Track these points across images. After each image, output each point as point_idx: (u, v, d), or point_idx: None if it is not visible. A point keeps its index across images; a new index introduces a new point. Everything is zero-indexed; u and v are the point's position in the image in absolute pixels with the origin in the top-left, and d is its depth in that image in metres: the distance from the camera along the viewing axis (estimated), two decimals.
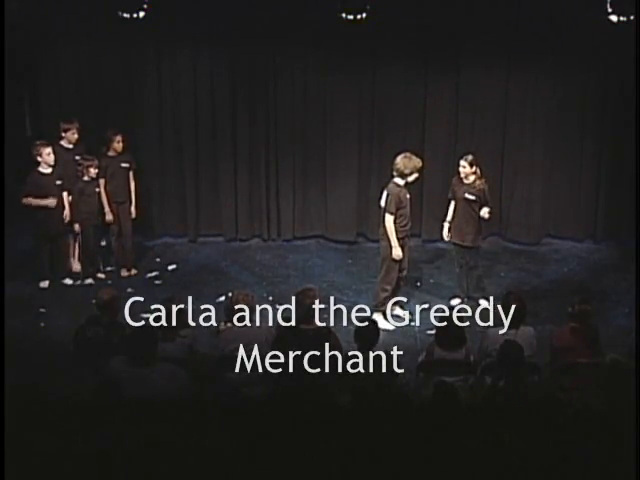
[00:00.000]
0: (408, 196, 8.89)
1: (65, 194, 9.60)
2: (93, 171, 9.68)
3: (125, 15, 9.20)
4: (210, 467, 4.99)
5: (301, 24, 10.43)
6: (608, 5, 8.94)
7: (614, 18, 8.98)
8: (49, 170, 9.50)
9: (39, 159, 9.42)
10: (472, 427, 5.32)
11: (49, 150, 9.42)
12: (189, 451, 5.06)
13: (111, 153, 9.98)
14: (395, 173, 8.78)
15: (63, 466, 4.96)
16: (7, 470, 4.83)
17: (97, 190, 9.81)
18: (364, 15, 9.19)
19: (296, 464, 4.99)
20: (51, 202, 9.46)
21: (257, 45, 10.62)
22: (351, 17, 9.21)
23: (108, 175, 9.94)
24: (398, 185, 8.78)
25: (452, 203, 9.44)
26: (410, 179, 8.84)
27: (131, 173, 10.13)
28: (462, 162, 9.21)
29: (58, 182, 9.53)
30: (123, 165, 10.02)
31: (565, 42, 10.42)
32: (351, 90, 10.92)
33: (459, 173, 9.25)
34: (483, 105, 10.97)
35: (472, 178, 9.21)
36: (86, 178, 9.68)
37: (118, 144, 9.94)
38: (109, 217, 9.96)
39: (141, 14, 9.20)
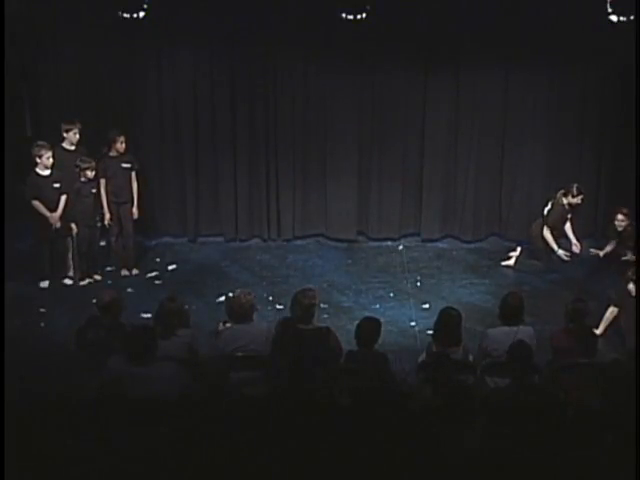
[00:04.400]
0: None
1: (63, 197, 9.60)
2: (90, 173, 9.68)
3: (125, 15, 9.20)
4: (210, 466, 4.99)
5: (301, 24, 10.43)
6: (608, 5, 8.94)
7: (614, 18, 8.98)
8: (47, 172, 9.49)
9: (38, 161, 9.42)
10: (471, 427, 5.32)
11: (49, 154, 9.41)
12: (189, 450, 5.06)
13: (113, 153, 9.99)
14: None
15: (63, 466, 4.96)
16: (7, 470, 4.83)
17: (93, 191, 9.80)
18: (364, 15, 9.19)
19: (296, 464, 4.99)
20: (54, 218, 9.49)
21: (257, 45, 10.62)
22: (351, 17, 9.21)
23: (109, 175, 9.95)
24: None
25: None
26: None
27: (133, 174, 10.13)
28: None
29: (56, 185, 9.53)
30: (125, 166, 10.03)
31: (565, 42, 10.42)
32: (351, 90, 10.92)
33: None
34: (483, 105, 10.97)
35: None
36: (83, 179, 9.69)
37: (121, 145, 9.95)
38: (108, 218, 9.97)
39: (141, 14, 9.20)
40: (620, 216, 9.98)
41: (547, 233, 10.29)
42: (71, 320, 8.35)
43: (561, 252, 10.24)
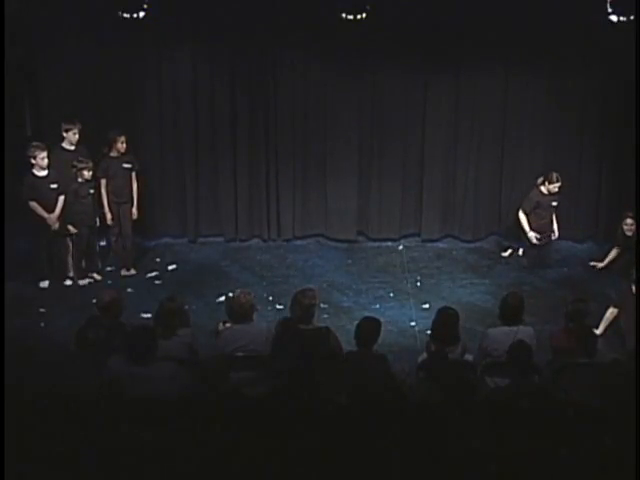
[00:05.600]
0: None
1: (61, 198, 9.59)
2: (87, 174, 9.67)
3: (125, 15, 9.20)
4: (210, 467, 4.99)
5: (301, 24, 10.42)
6: (608, 5, 8.94)
7: (614, 18, 8.98)
8: (43, 173, 9.48)
9: (33, 162, 9.41)
10: (472, 427, 5.32)
11: (44, 155, 9.40)
12: (189, 450, 5.06)
13: (113, 154, 9.99)
14: None
15: (63, 466, 4.96)
16: (7, 470, 4.83)
17: (91, 192, 9.80)
18: (364, 15, 9.19)
19: (296, 464, 4.99)
20: (51, 219, 9.48)
21: (257, 45, 10.63)
22: (351, 17, 9.21)
23: (110, 175, 9.95)
24: None
25: None
26: None
27: (133, 174, 10.13)
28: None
29: (53, 186, 9.52)
30: (125, 166, 10.03)
31: (565, 42, 10.42)
32: (351, 90, 10.92)
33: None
34: (483, 105, 10.97)
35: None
36: (80, 180, 9.68)
37: (122, 145, 9.94)
38: (109, 217, 9.97)
39: (141, 14, 9.20)
40: (629, 220, 9.91)
41: (521, 215, 10.41)
42: (71, 320, 8.35)
43: (532, 234, 10.33)
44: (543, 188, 10.33)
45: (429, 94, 10.95)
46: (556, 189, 10.30)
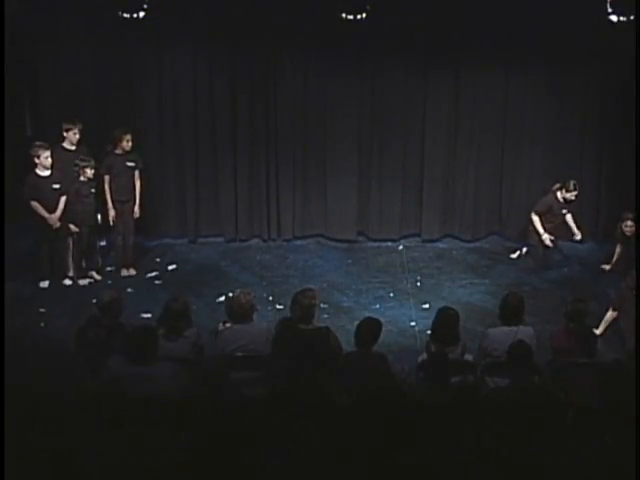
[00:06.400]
0: None
1: (63, 199, 9.58)
2: (89, 172, 9.66)
3: (125, 15, 9.20)
4: (210, 466, 4.99)
5: (301, 24, 10.43)
6: (608, 5, 8.94)
7: (614, 18, 8.98)
8: (46, 173, 9.48)
9: (36, 161, 9.41)
10: (472, 427, 5.32)
11: (47, 154, 9.40)
12: (189, 450, 5.06)
13: (118, 151, 9.97)
14: None
15: (63, 466, 4.96)
16: (7, 470, 4.83)
17: (93, 191, 9.79)
18: (364, 15, 9.20)
19: (295, 464, 4.99)
20: (53, 219, 9.47)
21: (257, 45, 10.63)
22: (351, 17, 9.22)
23: (113, 173, 9.94)
24: None
25: None
26: None
27: (136, 172, 10.12)
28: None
29: (55, 186, 9.51)
30: (129, 164, 10.01)
31: (565, 42, 10.43)
32: (351, 90, 10.93)
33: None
34: (483, 105, 10.97)
35: None
36: (82, 179, 9.67)
37: (127, 143, 9.93)
38: (113, 215, 9.97)
39: (141, 14, 9.20)
40: (630, 222, 9.91)
41: (534, 217, 10.37)
42: (71, 320, 8.36)
43: (546, 236, 10.31)
44: (559, 194, 10.31)
45: (429, 94, 10.96)
46: (573, 197, 10.28)
